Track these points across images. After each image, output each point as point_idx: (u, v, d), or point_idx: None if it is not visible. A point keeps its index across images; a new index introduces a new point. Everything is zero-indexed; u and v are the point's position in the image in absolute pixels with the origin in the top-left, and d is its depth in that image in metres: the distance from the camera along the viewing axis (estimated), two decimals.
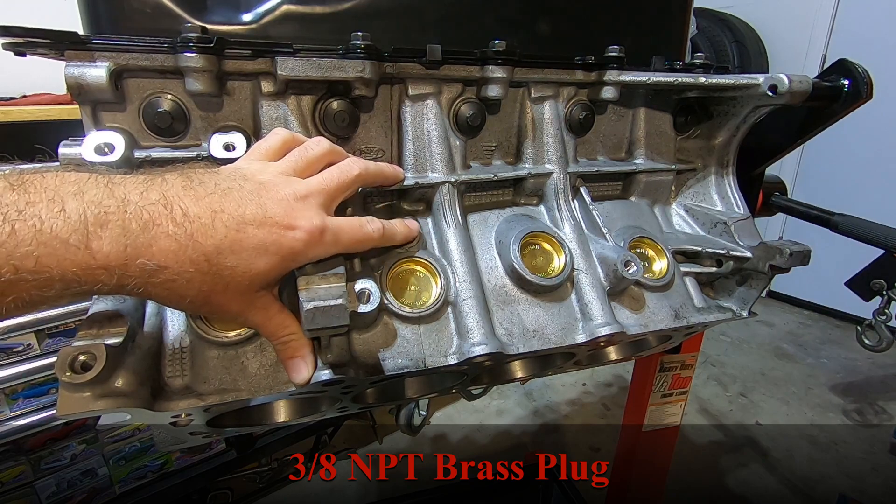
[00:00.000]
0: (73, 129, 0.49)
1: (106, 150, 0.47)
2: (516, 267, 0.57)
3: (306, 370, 0.46)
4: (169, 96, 0.50)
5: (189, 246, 0.35)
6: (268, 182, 0.42)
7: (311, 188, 0.44)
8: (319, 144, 0.48)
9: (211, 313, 0.47)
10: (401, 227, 0.53)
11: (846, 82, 0.65)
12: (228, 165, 0.45)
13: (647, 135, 0.72)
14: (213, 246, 0.36)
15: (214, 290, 0.38)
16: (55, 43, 0.44)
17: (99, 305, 0.45)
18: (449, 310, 0.55)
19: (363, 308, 0.47)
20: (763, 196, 0.86)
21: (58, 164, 0.47)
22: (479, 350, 0.52)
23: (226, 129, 0.52)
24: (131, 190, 0.35)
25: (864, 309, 0.80)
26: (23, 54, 0.44)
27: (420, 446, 2.07)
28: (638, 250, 0.67)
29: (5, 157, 1.20)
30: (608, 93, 0.65)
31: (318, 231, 0.42)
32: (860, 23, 2.76)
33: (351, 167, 0.48)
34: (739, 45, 2.95)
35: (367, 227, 0.48)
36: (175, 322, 0.48)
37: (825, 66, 0.67)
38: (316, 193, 0.44)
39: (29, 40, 0.43)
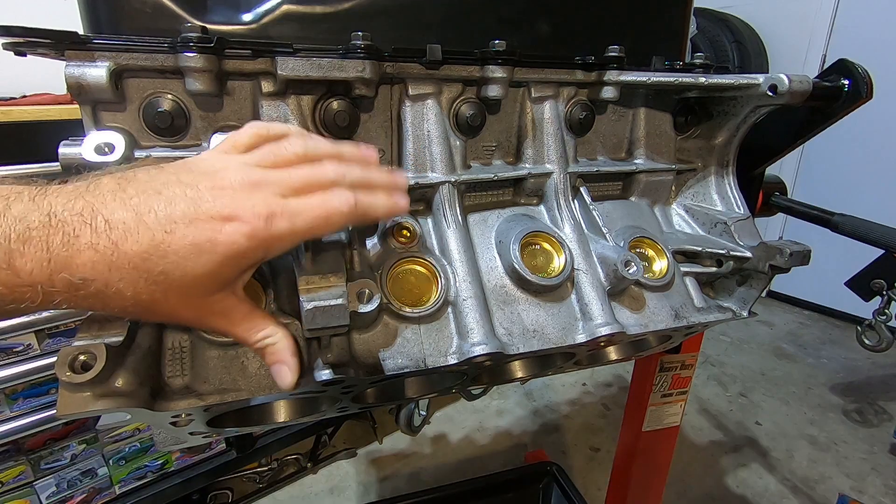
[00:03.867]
0: (73, 129, 0.49)
1: (106, 149, 0.47)
2: (516, 267, 0.57)
3: (290, 375, 0.43)
4: (169, 96, 0.50)
5: (112, 254, 0.33)
6: (214, 171, 0.37)
7: (269, 179, 0.38)
8: (293, 145, 0.41)
9: (163, 321, 0.44)
10: (382, 197, 0.43)
11: (846, 82, 0.65)
12: (184, 159, 0.41)
13: (647, 135, 0.72)
14: (137, 253, 0.33)
15: (153, 298, 0.35)
16: (55, 43, 0.44)
17: None
18: (449, 310, 0.55)
19: (363, 308, 0.47)
20: (763, 196, 0.86)
21: (57, 164, 0.47)
22: (479, 350, 0.52)
23: (226, 129, 0.52)
24: (59, 201, 0.32)
25: (864, 309, 0.80)
26: (23, 54, 0.44)
27: (420, 446, 2.07)
28: (638, 250, 0.67)
29: None
30: (608, 93, 0.65)
31: (262, 218, 0.36)
32: (860, 23, 2.76)
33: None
34: (739, 45, 2.95)
35: (333, 199, 0.39)
36: None
37: (825, 66, 0.67)
38: (274, 184, 0.38)
39: (29, 40, 0.43)
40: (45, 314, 1.21)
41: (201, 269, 0.35)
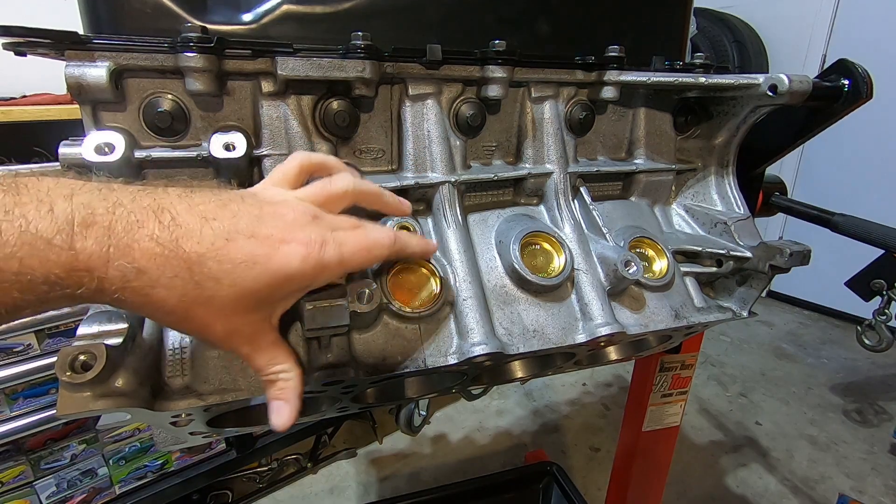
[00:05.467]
0: (73, 129, 0.49)
1: (106, 149, 0.47)
2: (516, 267, 0.57)
3: (288, 416, 0.42)
4: (169, 96, 0.50)
5: (172, 251, 0.34)
6: (275, 202, 0.40)
7: (324, 218, 0.41)
8: (343, 180, 0.46)
9: (192, 333, 0.43)
10: (416, 238, 0.49)
11: (846, 82, 0.65)
12: (242, 190, 0.43)
13: (647, 135, 0.72)
14: (197, 254, 0.35)
15: (196, 302, 0.36)
16: (56, 43, 0.44)
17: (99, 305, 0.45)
18: (449, 310, 0.55)
19: (363, 308, 0.47)
20: (763, 196, 0.86)
21: (58, 164, 0.47)
22: (479, 350, 0.52)
23: (226, 129, 0.52)
24: (125, 195, 0.34)
25: (864, 309, 0.80)
26: (23, 54, 0.44)
27: (420, 446, 2.07)
28: (638, 250, 0.67)
29: (1, 160, 1.20)
30: (608, 93, 0.65)
31: (316, 244, 0.39)
32: (860, 23, 2.76)
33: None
34: (739, 45, 2.95)
35: (376, 232, 0.43)
36: None
37: (825, 66, 0.67)
38: (327, 223, 0.41)
39: (29, 40, 0.43)
40: (44, 314, 1.21)
41: (251, 282, 0.37)
